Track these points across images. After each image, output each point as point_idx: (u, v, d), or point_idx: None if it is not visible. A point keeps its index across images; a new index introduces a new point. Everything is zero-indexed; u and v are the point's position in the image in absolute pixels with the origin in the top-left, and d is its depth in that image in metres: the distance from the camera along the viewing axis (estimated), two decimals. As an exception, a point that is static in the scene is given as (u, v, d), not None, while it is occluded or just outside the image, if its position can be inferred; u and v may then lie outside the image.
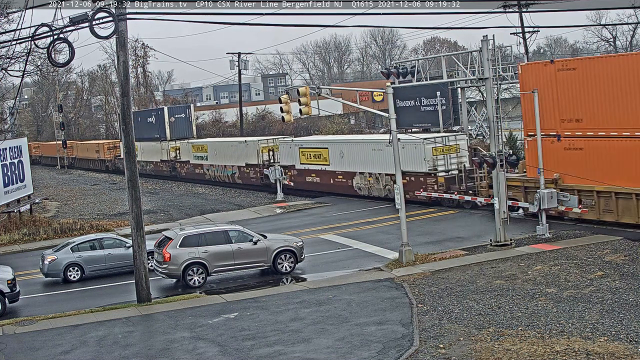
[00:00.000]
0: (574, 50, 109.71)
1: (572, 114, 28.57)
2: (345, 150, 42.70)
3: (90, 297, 25.07)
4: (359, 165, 41.22)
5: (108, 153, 74.20)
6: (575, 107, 28.43)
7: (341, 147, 43.25)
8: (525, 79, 30.54)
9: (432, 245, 27.87)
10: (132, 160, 22.93)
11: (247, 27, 38.69)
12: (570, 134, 28.68)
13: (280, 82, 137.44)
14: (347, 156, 42.31)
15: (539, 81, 29.34)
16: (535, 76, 29.84)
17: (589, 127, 27.91)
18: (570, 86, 28.40)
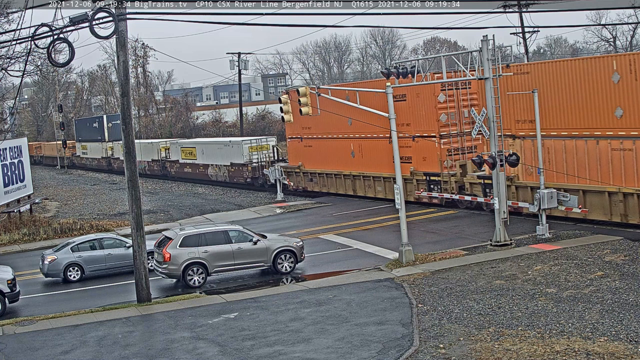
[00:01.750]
0: (574, 50, 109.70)
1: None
2: (204, 149, 59.36)
3: (90, 297, 25.08)
4: (212, 159, 57.74)
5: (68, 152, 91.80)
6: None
7: (202, 147, 59.95)
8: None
9: (432, 245, 27.87)
10: (132, 160, 22.93)
11: (247, 27, 38.71)
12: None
13: (280, 82, 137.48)
14: (205, 153, 58.94)
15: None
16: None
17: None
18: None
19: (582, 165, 28.53)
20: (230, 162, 54.86)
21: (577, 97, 28.37)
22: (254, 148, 53.03)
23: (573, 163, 28.82)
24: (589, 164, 28.22)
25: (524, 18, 55.14)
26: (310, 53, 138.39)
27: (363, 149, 41.08)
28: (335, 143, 43.08)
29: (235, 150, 54.25)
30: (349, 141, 41.97)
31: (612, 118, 27.20)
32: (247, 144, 53.48)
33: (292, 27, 27.85)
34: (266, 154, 51.94)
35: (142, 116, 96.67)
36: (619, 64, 26.47)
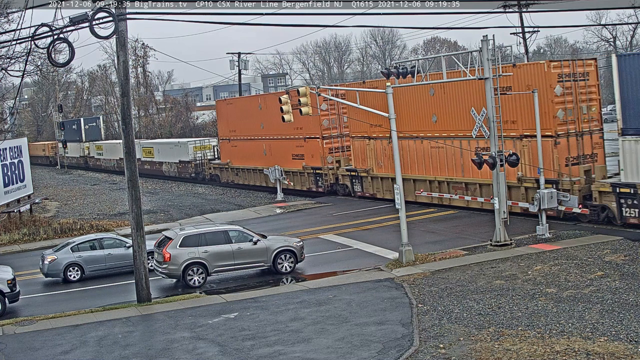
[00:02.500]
0: (574, 50, 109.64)
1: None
2: (160, 148, 67.34)
3: (90, 297, 25.08)
4: (165, 157, 65.54)
5: (51, 151, 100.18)
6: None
7: (158, 147, 67.99)
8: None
9: (432, 245, 27.87)
10: (132, 160, 22.93)
11: (248, 27, 38.66)
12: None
13: (280, 82, 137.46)
14: (160, 152, 66.83)
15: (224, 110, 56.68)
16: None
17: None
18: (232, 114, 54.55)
19: (412, 160, 37.29)
20: (179, 160, 63.18)
21: (410, 107, 36.31)
22: (197, 148, 61.14)
23: (407, 158, 36.93)
24: (417, 159, 37.01)
25: (524, 18, 55.14)
26: (310, 53, 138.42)
27: (272, 148, 49.95)
28: (253, 143, 52.12)
29: (182, 149, 62.00)
30: (262, 142, 51.05)
31: (430, 123, 35.09)
32: (192, 144, 61.48)
33: (292, 27, 27.85)
34: (208, 153, 60.23)
35: (142, 116, 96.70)
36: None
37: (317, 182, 44.99)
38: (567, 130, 30.06)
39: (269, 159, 49.65)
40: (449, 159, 35.18)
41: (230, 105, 56.85)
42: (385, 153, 38.74)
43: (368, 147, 40.22)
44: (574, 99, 30.17)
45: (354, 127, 41.68)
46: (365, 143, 40.39)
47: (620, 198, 27.19)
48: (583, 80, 30.48)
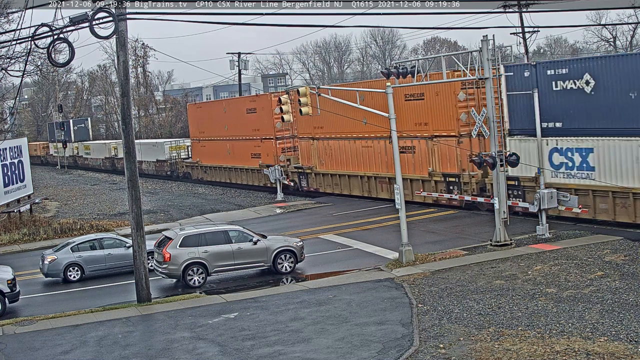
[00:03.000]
0: (574, 50, 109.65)
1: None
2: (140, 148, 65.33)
3: (90, 297, 25.08)
4: (145, 156, 66.83)
5: (42, 151, 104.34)
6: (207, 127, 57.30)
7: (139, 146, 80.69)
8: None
9: (432, 245, 27.87)
10: (132, 160, 22.93)
11: (248, 27, 38.75)
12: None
13: (280, 82, 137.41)
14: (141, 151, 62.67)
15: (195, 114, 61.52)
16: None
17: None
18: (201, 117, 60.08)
19: (347, 158, 41.75)
20: (156, 159, 67.57)
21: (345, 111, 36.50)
22: (173, 148, 65.75)
23: (342, 156, 42.19)
24: (351, 156, 41.57)
25: (524, 18, 55.11)
26: (310, 53, 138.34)
27: (234, 148, 54.33)
28: (218, 144, 56.84)
29: (160, 149, 66.30)
30: (226, 142, 55.50)
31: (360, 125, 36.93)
32: (167, 145, 66.34)
33: (292, 27, 27.87)
34: (182, 153, 64.95)
35: (142, 116, 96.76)
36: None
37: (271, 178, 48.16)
38: (469, 131, 32.91)
39: (232, 157, 54.59)
40: (375, 157, 39.81)
41: (200, 108, 62.58)
42: (326, 152, 43.76)
43: (312, 147, 44.86)
44: (476, 104, 33.18)
45: (301, 129, 45.83)
46: (310, 143, 44.90)
47: (508, 189, 29.54)
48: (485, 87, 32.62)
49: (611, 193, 27.46)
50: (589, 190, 28.10)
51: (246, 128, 51.54)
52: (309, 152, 45.54)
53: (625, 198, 26.97)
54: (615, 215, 27.41)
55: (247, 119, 51.64)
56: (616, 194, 27.35)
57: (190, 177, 61.65)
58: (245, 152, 52.51)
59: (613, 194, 27.43)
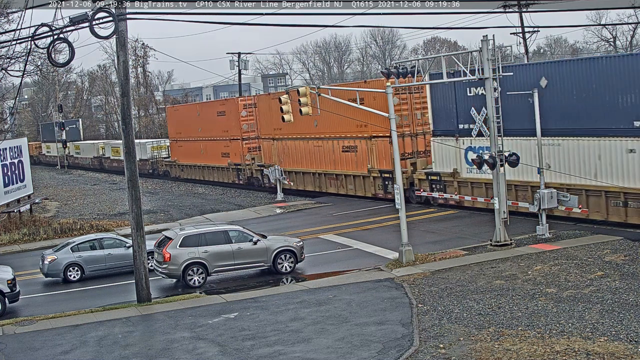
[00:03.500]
0: (574, 50, 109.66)
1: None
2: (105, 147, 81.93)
3: (90, 297, 25.08)
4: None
5: (35, 151, 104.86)
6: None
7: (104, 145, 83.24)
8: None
9: (432, 245, 27.87)
10: (132, 160, 22.94)
11: (247, 27, 38.77)
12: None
13: (280, 82, 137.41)
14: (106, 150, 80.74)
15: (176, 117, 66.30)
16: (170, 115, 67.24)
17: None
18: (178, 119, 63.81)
19: (301, 156, 46.32)
20: (139, 158, 68.22)
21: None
22: (154, 147, 71.06)
23: (296, 155, 46.64)
24: (304, 155, 45.88)
25: (524, 18, 55.14)
26: (310, 53, 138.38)
27: (207, 148, 58.73)
28: (193, 144, 61.58)
29: (142, 149, 70.16)
30: (200, 143, 60.07)
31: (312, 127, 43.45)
32: (149, 145, 71.78)
33: (292, 27, 27.87)
34: (162, 152, 70.11)
35: (142, 116, 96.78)
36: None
37: (239, 175, 53.77)
38: (402, 132, 37.19)
39: (205, 157, 59.13)
40: (207, 153, 52.24)
41: (177, 111, 67.61)
42: (284, 151, 48.24)
43: (273, 146, 49.51)
44: (409, 107, 38.21)
45: (263, 130, 50.85)
46: (271, 143, 49.49)
47: (431, 183, 35.90)
48: (417, 92, 38.25)
49: (514, 187, 30.74)
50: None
51: (217, 129, 56.01)
52: (270, 152, 49.98)
53: (525, 191, 30.62)
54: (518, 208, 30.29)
55: (218, 121, 55.89)
56: (518, 187, 30.89)
57: (169, 175, 66.51)
58: (216, 151, 56.69)
59: (516, 188, 30.87)
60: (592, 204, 28.23)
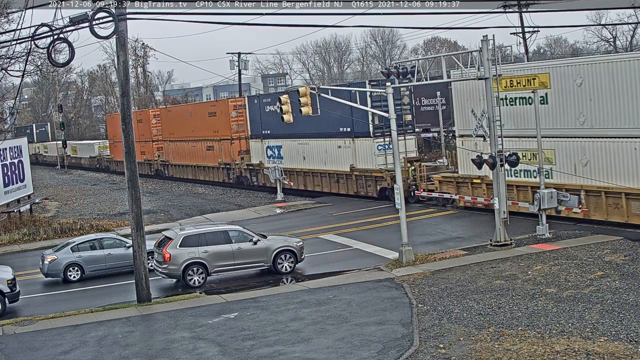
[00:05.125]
0: (574, 50, 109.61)
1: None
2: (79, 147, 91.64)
3: (90, 297, 25.08)
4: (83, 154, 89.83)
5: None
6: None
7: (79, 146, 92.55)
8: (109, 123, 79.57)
9: (432, 245, 27.87)
10: (132, 160, 22.93)
11: (248, 27, 38.86)
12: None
13: (280, 82, 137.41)
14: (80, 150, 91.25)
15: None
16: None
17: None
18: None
19: (186, 154, 60.94)
20: (89, 155, 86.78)
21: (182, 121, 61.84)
22: (101, 147, 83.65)
23: (194, 154, 59.73)
24: (197, 154, 59.10)
25: (524, 18, 55.14)
26: (310, 53, 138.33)
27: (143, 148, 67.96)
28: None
29: (91, 148, 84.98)
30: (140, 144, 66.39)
31: (189, 131, 58.85)
32: (96, 145, 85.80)
33: (292, 27, 27.88)
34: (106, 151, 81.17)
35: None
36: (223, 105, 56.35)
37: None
38: (239, 136, 53.03)
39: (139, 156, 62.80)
40: (199, 153, 58.98)
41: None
42: (176, 150, 59.75)
43: (169, 147, 61.11)
44: (244, 117, 52.62)
45: (165, 134, 60.69)
46: (167, 145, 59.39)
47: (250, 171, 52.18)
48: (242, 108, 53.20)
49: (296, 172, 46.06)
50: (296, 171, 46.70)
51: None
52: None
53: (308, 176, 45.05)
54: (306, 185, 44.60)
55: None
56: (299, 172, 46.08)
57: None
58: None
59: (315, 174, 44.60)
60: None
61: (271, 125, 47.77)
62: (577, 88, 28.14)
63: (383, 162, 39.22)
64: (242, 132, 53.39)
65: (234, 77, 74.68)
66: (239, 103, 54.06)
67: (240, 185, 53.63)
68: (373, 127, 39.34)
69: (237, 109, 53.50)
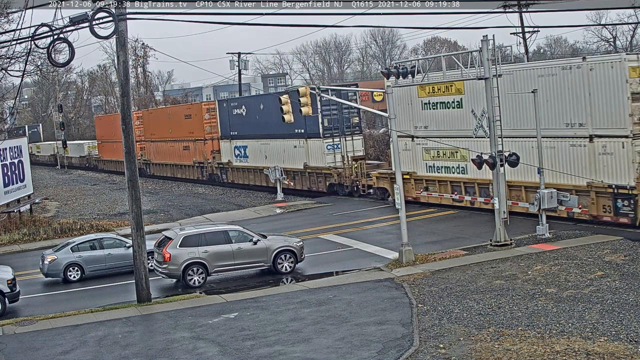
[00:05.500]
0: (574, 50, 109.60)
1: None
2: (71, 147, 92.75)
3: (90, 297, 25.08)
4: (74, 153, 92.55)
5: None
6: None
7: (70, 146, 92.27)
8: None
9: (432, 245, 27.87)
10: (132, 160, 22.93)
11: (247, 27, 38.90)
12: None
13: (280, 82, 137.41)
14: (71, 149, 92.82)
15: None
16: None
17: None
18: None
19: (166, 152, 64.83)
20: (79, 155, 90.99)
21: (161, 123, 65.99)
22: (90, 147, 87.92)
23: (172, 153, 63.37)
24: (175, 153, 63.00)
25: (524, 18, 55.11)
26: (310, 53, 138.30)
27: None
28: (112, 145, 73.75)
29: (81, 148, 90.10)
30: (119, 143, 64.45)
31: (168, 132, 62.79)
32: (86, 145, 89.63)
33: (292, 27, 27.88)
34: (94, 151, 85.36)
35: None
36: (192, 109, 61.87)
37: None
38: (212, 137, 56.78)
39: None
40: (176, 152, 62.79)
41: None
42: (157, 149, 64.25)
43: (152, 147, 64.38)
44: (216, 121, 56.05)
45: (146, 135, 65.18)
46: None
47: (220, 169, 56.23)
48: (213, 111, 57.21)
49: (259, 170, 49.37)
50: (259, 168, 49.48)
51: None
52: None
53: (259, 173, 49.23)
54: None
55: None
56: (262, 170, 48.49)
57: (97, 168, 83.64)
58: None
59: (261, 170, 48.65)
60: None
61: (238, 127, 52.53)
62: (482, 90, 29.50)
63: (332, 161, 43.71)
64: (214, 133, 56.68)
65: (234, 77, 74.70)
66: (212, 106, 57.93)
67: (213, 182, 57.07)
68: (323, 129, 43.49)
69: (209, 112, 57.29)
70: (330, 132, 43.69)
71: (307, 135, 44.85)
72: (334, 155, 43.57)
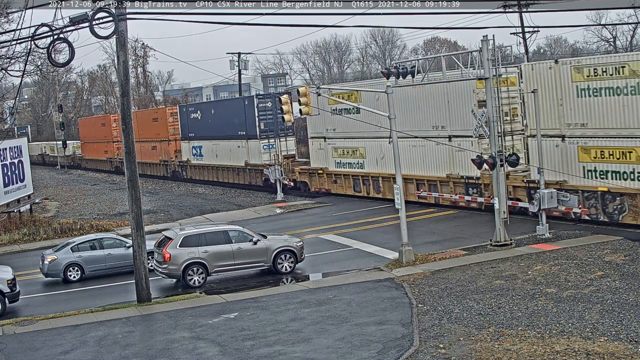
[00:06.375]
0: (574, 50, 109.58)
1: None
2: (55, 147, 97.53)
3: (90, 297, 25.08)
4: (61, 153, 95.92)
5: None
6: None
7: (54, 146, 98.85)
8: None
9: (432, 245, 27.87)
10: (132, 160, 22.93)
11: (247, 27, 38.95)
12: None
13: (280, 82, 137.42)
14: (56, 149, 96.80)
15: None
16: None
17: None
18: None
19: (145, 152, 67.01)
20: (65, 155, 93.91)
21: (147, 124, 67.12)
22: (75, 147, 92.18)
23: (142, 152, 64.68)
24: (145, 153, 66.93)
25: (524, 18, 55.14)
26: (310, 53, 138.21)
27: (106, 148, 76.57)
28: (93, 145, 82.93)
29: (67, 148, 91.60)
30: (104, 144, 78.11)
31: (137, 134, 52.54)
32: (71, 145, 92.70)
33: (292, 27, 27.89)
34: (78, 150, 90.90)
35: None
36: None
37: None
38: (175, 138, 62.70)
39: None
40: (146, 152, 66.57)
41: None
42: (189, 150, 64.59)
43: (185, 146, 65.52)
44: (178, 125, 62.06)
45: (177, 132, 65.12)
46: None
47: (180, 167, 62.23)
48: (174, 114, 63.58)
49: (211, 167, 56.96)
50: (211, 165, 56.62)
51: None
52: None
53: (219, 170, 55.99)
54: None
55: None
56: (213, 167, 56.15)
57: (81, 167, 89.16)
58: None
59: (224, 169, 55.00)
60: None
61: (194, 129, 59.34)
62: (375, 102, 34.98)
63: (268, 159, 49.51)
64: (177, 134, 63.15)
65: (234, 77, 74.76)
66: (174, 111, 64.57)
67: (176, 179, 63.43)
68: (259, 131, 50.07)
69: (173, 115, 63.63)
70: (267, 134, 50.01)
71: (248, 136, 51.24)
72: (269, 154, 49.45)
